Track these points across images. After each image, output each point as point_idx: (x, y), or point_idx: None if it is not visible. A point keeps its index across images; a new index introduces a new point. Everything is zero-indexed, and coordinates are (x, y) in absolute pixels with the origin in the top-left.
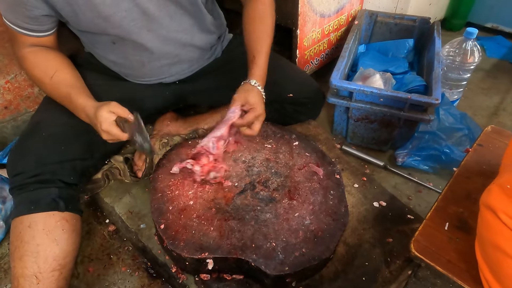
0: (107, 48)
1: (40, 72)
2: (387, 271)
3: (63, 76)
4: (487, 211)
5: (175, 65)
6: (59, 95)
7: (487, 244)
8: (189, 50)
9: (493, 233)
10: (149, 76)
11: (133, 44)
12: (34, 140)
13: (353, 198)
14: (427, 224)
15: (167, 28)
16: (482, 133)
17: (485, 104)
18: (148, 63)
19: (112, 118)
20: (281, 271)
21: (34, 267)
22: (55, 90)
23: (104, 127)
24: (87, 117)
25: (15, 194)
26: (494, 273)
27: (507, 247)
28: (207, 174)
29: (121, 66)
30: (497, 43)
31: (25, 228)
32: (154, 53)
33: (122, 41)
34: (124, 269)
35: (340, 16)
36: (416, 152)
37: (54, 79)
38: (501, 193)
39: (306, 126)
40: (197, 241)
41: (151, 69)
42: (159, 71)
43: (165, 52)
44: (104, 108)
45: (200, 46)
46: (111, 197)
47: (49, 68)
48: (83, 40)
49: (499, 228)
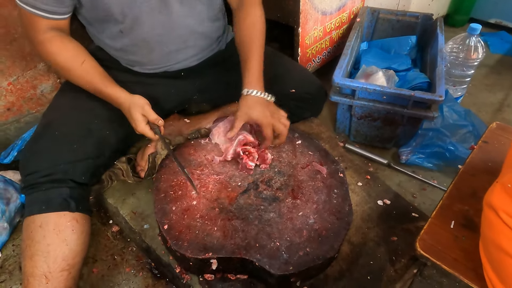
0: (115, 36)
1: (69, 57)
2: (392, 270)
3: (93, 63)
4: (489, 210)
5: (183, 52)
6: (90, 82)
7: (490, 243)
8: (196, 37)
9: (495, 233)
10: (156, 62)
11: (142, 29)
12: (47, 139)
13: (357, 197)
14: (432, 223)
15: (177, 12)
16: (487, 130)
17: (489, 101)
18: (156, 49)
19: (146, 120)
20: (286, 271)
21: (44, 266)
22: (86, 76)
23: (139, 129)
24: (119, 106)
25: (28, 193)
26: (497, 272)
27: (509, 247)
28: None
29: (129, 53)
30: (500, 39)
31: (37, 228)
32: (162, 37)
33: (130, 29)
34: (128, 270)
35: (342, 13)
36: (420, 149)
37: (85, 66)
38: (502, 192)
39: (309, 125)
40: (200, 241)
41: (158, 55)
42: (166, 58)
43: (174, 37)
44: (138, 110)
45: (207, 34)
46: (115, 197)
47: (79, 54)
48: (91, 32)
49: (501, 228)
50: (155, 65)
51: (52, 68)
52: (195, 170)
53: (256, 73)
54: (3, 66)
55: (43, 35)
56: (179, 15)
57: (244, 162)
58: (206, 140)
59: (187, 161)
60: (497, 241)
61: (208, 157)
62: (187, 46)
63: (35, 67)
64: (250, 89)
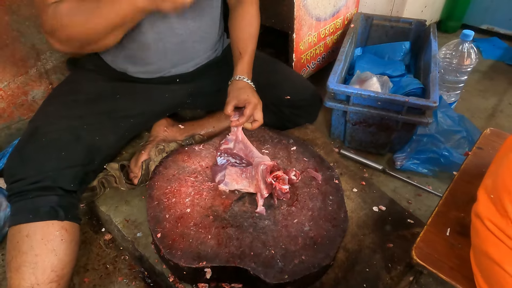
0: None
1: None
2: (388, 277)
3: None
4: (476, 219)
5: (180, 54)
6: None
7: (479, 252)
8: (195, 40)
9: (482, 241)
10: (152, 63)
11: (140, 28)
12: (34, 145)
13: (352, 203)
14: (428, 230)
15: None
16: (481, 135)
17: (482, 106)
18: (152, 48)
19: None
20: (281, 280)
21: (32, 278)
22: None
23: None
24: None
25: (13, 201)
26: (487, 281)
27: (495, 254)
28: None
29: (126, 49)
30: (492, 45)
31: (23, 238)
32: (161, 35)
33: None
34: (120, 279)
35: (336, 19)
36: (414, 155)
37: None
38: (487, 201)
39: (304, 131)
40: (194, 249)
41: (155, 56)
42: (164, 60)
43: (172, 36)
44: None
45: (206, 37)
46: (107, 205)
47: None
48: None
49: (487, 236)
50: (151, 67)
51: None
52: (189, 177)
53: (248, 65)
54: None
55: (53, 6)
56: (179, 15)
57: (279, 189)
58: (200, 147)
59: (181, 168)
60: (485, 249)
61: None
62: (185, 48)
63: (27, 73)
64: (241, 76)
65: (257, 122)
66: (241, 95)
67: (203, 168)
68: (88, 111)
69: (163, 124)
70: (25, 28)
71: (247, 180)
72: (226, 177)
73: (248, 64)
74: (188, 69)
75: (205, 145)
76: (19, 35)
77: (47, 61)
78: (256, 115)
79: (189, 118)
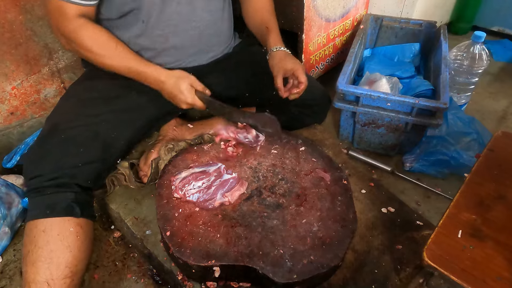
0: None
1: (103, 42)
2: (397, 279)
3: (126, 46)
4: None
5: (196, 47)
6: (126, 64)
7: None
8: (210, 33)
9: None
10: (169, 55)
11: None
12: (53, 142)
13: (361, 204)
14: (439, 232)
15: (196, 3)
16: (492, 138)
17: (493, 108)
18: (171, 37)
19: (193, 90)
20: (289, 279)
21: (46, 273)
22: (122, 59)
23: (190, 100)
24: (161, 84)
25: (31, 196)
26: None
27: None
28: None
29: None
30: (503, 47)
31: (40, 232)
32: (178, 27)
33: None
34: (129, 276)
35: (346, 20)
36: (424, 157)
37: (119, 49)
38: None
39: (312, 131)
40: (203, 248)
41: (173, 45)
42: (181, 50)
43: (189, 27)
44: (186, 81)
45: (221, 30)
46: (117, 203)
47: (111, 38)
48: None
49: None
50: (169, 58)
51: (82, 54)
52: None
53: (278, 36)
54: (8, 70)
55: (74, 23)
56: (197, 6)
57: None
58: (209, 146)
59: (190, 167)
60: None
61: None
62: (201, 41)
63: (39, 72)
64: (277, 46)
65: (303, 84)
66: (285, 65)
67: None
68: (104, 108)
69: (172, 123)
70: (38, 27)
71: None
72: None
73: (278, 35)
74: (203, 62)
75: (214, 145)
76: (32, 34)
77: (60, 60)
78: (301, 78)
79: (198, 117)
